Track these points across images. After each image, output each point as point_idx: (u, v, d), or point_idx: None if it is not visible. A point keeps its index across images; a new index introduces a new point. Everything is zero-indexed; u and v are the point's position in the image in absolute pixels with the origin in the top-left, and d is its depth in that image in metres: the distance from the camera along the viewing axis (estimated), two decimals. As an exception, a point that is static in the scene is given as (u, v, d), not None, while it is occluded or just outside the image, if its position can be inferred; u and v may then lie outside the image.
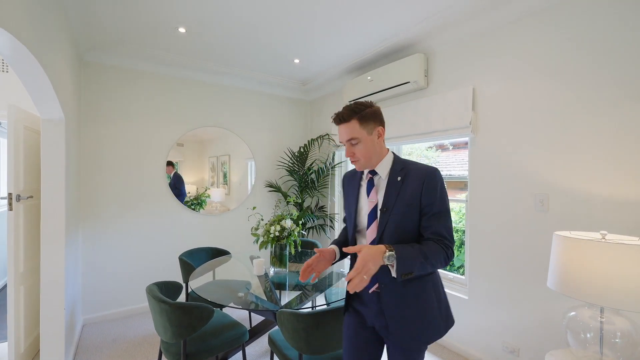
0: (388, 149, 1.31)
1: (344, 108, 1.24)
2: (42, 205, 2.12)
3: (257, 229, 2.35)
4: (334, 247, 1.39)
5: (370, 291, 1.25)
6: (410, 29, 2.62)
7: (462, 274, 2.83)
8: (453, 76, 2.60)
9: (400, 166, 1.25)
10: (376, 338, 1.30)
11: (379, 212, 1.23)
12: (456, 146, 3.55)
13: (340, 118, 1.23)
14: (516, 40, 2.18)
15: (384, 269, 1.13)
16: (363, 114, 1.21)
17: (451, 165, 3.70)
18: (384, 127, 1.27)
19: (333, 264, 1.38)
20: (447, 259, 1.14)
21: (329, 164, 3.93)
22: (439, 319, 1.21)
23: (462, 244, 3.50)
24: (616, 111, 1.74)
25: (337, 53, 3.16)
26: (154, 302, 1.71)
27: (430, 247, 1.12)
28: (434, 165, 1.26)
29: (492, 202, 2.34)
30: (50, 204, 2.14)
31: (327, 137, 3.98)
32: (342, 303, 1.52)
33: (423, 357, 1.24)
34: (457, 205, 3.62)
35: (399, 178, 1.22)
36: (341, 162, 3.97)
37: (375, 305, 1.25)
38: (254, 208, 2.97)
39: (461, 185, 3.67)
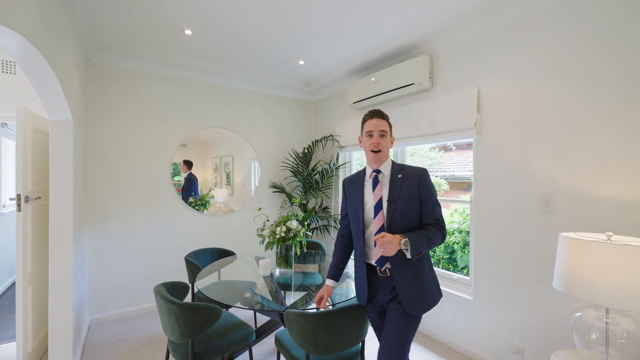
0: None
1: (377, 109, 1.65)
2: (51, 206, 2.14)
3: (263, 229, 2.37)
4: (330, 282, 1.76)
5: (382, 269, 1.55)
6: (415, 30, 2.63)
7: (467, 274, 2.83)
8: (458, 78, 2.61)
9: (399, 167, 1.60)
10: (383, 312, 1.65)
11: (385, 203, 1.55)
12: (459, 147, 3.56)
13: (379, 114, 1.62)
14: (521, 42, 2.19)
15: (398, 252, 1.44)
16: (389, 121, 1.66)
17: (454, 166, 3.70)
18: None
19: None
20: (443, 238, 1.51)
21: (333, 165, 3.94)
22: (434, 290, 1.57)
23: (466, 244, 3.50)
24: (622, 112, 1.75)
25: (342, 54, 3.18)
26: (162, 303, 1.72)
27: (431, 231, 1.49)
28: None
29: (497, 203, 2.35)
30: (58, 205, 2.16)
31: (331, 138, 3.99)
32: (347, 303, 1.71)
33: (419, 323, 1.55)
34: (461, 206, 3.62)
35: (399, 176, 1.56)
36: (345, 163, 3.98)
37: (388, 284, 1.55)
38: (259, 209, 2.98)
39: (464, 185, 3.68)
